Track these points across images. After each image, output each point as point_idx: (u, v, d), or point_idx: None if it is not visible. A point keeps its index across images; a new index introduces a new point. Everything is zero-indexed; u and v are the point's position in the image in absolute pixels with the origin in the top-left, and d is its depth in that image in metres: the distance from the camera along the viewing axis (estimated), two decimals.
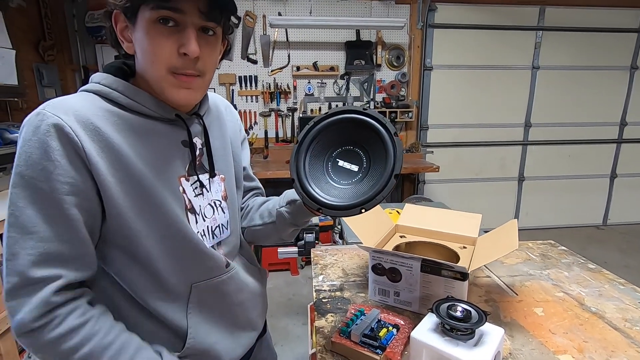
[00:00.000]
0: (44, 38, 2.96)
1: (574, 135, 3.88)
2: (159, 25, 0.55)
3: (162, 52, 0.56)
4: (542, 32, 3.60)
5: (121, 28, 0.60)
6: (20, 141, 0.53)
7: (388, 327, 0.75)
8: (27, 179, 0.52)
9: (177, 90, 0.59)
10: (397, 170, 0.61)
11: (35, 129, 0.52)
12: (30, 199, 0.52)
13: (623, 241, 3.69)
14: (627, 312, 0.85)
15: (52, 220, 0.52)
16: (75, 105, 0.55)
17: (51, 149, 0.52)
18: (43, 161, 0.51)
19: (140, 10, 0.56)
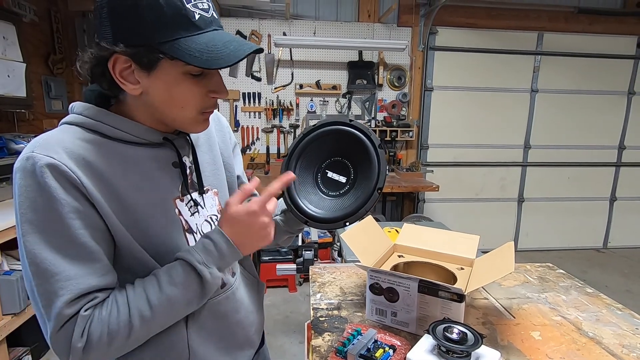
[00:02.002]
0: (54, 52, 3.03)
1: (573, 158, 3.92)
2: (192, 78, 0.56)
3: (195, 98, 0.58)
4: (541, 57, 3.68)
5: (121, 69, 0.55)
6: (18, 189, 0.52)
7: (384, 347, 0.75)
8: (37, 224, 0.51)
9: (204, 124, 0.63)
10: (380, 184, 0.62)
11: (30, 174, 0.51)
12: (46, 242, 0.51)
13: (625, 265, 3.67)
14: (624, 338, 0.85)
15: (74, 257, 0.53)
16: (62, 142, 0.54)
17: (52, 188, 0.51)
18: (48, 202, 0.51)
19: (164, 62, 0.54)
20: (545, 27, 3.62)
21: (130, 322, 0.54)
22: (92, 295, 0.54)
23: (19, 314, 1.79)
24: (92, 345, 0.52)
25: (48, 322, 0.52)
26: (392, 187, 2.96)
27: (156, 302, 0.56)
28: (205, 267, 0.58)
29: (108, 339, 0.53)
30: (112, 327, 0.53)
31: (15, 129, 2.60)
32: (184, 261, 0.58)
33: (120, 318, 0.54)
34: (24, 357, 1.92)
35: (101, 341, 0.53)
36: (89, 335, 0.52)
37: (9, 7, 2.46)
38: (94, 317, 0.53)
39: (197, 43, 0.53)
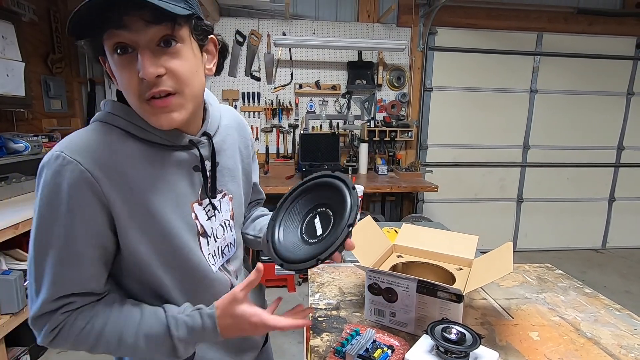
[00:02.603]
0: (53, 51, 3.03)
1: (572, 158, 3.92)
2: (117, 56, 0.53)
3: (129, 82, 0.54)
4: (540, 57, 3.68)
5: (108, 67, 0.58)
6: (42, 183, 0.55)
7: (383, 347, 0.75)
8: (46, 221, 0.55)
9: (157, 116, 0.56)
10: (350, 221, 0.62)
11: (56, 174, 0.53)
12: (48, 241, 0.55)
13: (624, 266, 3.67)
14: (622, 338, 0.85)
15: (68, 264, 0.56)
16: (92, 145, 0.56)
17: (68, 194, 0.54)
18: (61, 206, 0.54)
19: (105, 48, 0.54)
20: (544, 27, 3.62)
21: (96, 344, 0.59)
22: (72, 298, 0.58)
23: (17, 313, 1.79)
24: (57, 342, 0.58)
25: (32, 306, 0.57)
26: (391, 187, 2.96)
27: (125, 344, 0.59)
28: (183, 345, 0.61)
29: (72, 345, 0.59)
30: (79, 340, 0.58)
31: (14, 129, 2.60)
32: (168, 330, 0.60)
33: (89, 337, 0.58)
34: (22, 356, 1.91)
35: (66, 343, 0.59)
36: (57, 336, 0.57)
37: (8, 6, 2.45)
38: (66, 324, 0.58)
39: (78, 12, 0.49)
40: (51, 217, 0.54)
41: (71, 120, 3.23)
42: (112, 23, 0.50)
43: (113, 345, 0.59)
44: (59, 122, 3.04)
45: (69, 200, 0.54)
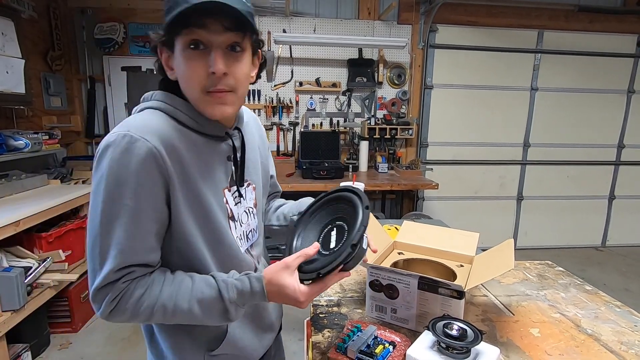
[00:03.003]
0: (52, 48, 3.02)
1: (573, 156, 3.92)
2: (190, 51, 0.61)
3: (195, 74, 0.61)
4: (541, 55, 3.68)
5: (165, 58, 0.66)
6: (108, 160, 0.58)
7: (384, 344, 0.75)
8: (114, 195, 0.58)
9: (212, 107, 0.64)
10: (354, 240, 0.63)
11: (124, 151, 0.57)
12: (116, 214, 0.58)
13: (623, 264, 3.68)
14: (622, 335, 0.85)
15: (133, 235, 0.59)
16: (155, 127, 0.61)
17: (138, 169, 0.58)
18: (131, 180, 0.58)
19: (176, 41, 0.62)
20: (545, 25, 3.61)
21: (152, 312, 0.62)
22: (133, 268, 0.61)
23: (18, 310, 1.79)
24: (117, 312, 0.60)
25: (96, 278, 0.59)
26: (391, 185, 2.96)
27: (180, 309, 0.62)
28: (234, 307, 0.64)
29: (130, 314, 0.61)
30: (137, 309, 0.61)
31: (14, 126, 2.59)
32: (219, 293, 0.63)
33: (146, 304, 0.61)
34: (23, 353, 1.92)
35: (124, 314, 0.61)
36: (117, 305, 0.60)
37: (7, 3, 2.45)
38: (127, 292, 0.60)
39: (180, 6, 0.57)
40: (120, 191, 0.58)
41: (71, 118, 3.22)
42: (195, 23, 0.59)
43: (169, 311, 0.62)
44: (59, 119, 3.03)
45: (137, 175, 0.58)
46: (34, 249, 2.08)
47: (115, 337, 2.30)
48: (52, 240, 2.13)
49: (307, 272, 0.65)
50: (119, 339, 2.28)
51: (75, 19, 3.23)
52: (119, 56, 3.30)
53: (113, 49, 3.27)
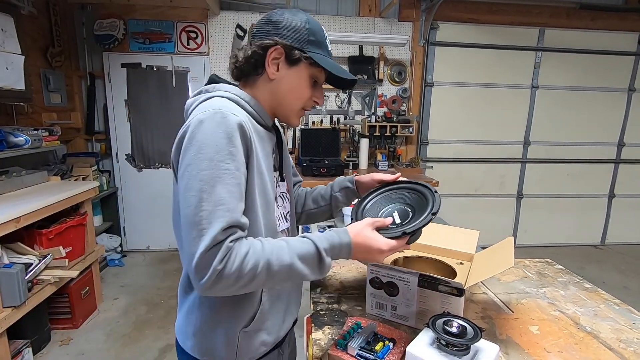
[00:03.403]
0: (52, 45, 3.01)
1: (573, 155, 3.92)
2: (310, 80, 0.79)
3: (305, 95, 0.79)
4: (542, 53, 3.67)
5: (274, 57, 0.75)
6: (204, 132, 0.64)
7: (384, 340, 0.75)
8: (216, 162, 0.63)
9: (297, 119, 0.83)
10: (434, 210, 0.77)
11: (219, 123, 0.65)
12: (219, 178, 0.63)
13: (622, 262, 3.69)
14: (621, 332, 0.86)
15: (234, 195, 0.64)
16: (234, 108, 0.70)
17: (234, 138, 0.66)
18: (230, 148, 0.65)
19: (302, 64, 0.76)
20: (547, 22, 3.60)
21: (257, 271, 0.63)
22: (236, 229, 0.64)
23: (19, 306, 1.80)
24: (224, 273, 0.61)
25: (200, 242, 0.60)
26: None
27: (283, 264, 0.66)
28: (329, 259, 0.70)
29: (236, 277, 0.62)
30: (243, 268, 0.62)
31: (14, 122, 2.59)
32: (315, 245, 0.69)
33: (252, 262, 0.63)
34: (24, 349, 1.93)
35: (230, 277, 0.61)
36: (225, 265, 0.61)
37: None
38: (233, 250, 0.62)
39: (328, 60, 0.78)
40: (219, 157, 0.63)
41: (71, 115, 3.22)
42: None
43: (273, 268, 0.64)
44: (59, 116, 3.03)
45: (233, 142, 0.65)
46: (34, 245, 2.09)
47: (116, 333, 2.31)
48: (53, 237, 2.13)
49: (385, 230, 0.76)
50: (120, 335, 2.29)
51: (75, 15, 3.22)
52: (119, 53, 3.30)
53: (113, 45, 3.26)
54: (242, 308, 0.75)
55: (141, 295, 2.78)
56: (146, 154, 3.50)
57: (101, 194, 3.19)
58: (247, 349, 0.76)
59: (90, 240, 2.52)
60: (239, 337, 0.75)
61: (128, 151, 3.48)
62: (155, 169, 3.54)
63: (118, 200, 3.53)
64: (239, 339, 0.75)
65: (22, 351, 1.92)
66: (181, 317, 0.80)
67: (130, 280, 3.03)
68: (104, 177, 3.27)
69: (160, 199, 3.57)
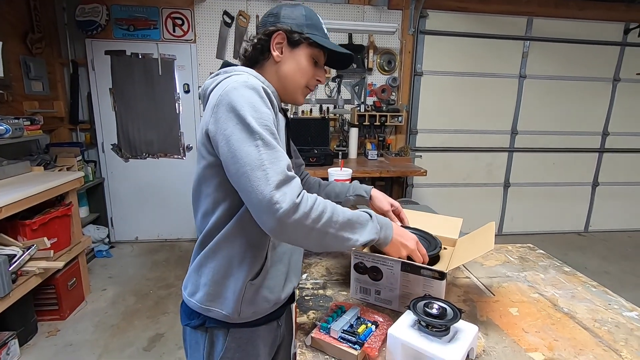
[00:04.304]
0: (32, 30, 2.91)
1: (558, 144, 3.98)
2: (311, 60, 0.85)
3: (308, 74, 0.85)
4: (530, 42, 3.69)
5: (277, 42, 0.82)
6: (239, 98, 0.69)
7: (367, 323, 0.76)
8: (257, 120, 0.68)
9: (302, 97, 0.88)
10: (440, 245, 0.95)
11: (251, 88, 0.71)
12: (266, 131, 0.68)
13: (604, 248, 3.79)
14: (597, 313, 0.89)
15: (279, 142, 0.70)
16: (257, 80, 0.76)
17: (267, 100, 0.73)
18: (264, 108, 0.71)
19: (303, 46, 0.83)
20: (535, 12, 3.61)
21: (323, 211, 0.68)
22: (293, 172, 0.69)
23: (3, 298, 1.77)
24: (300, 206, 0.65)
25: (271, 180, 0.64)
26: (380, 172, 2.97)
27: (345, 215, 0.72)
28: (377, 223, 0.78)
29: (308, 211, 0.66)
30: (316, 205, 0.68)
31: None
32: (369, 215, 0.78)
33: (322, 204, 0.69)
34: (10, 341, 1.90)
35: (304, 210, 0.65)
36: (302, 199, 0.66)
37: None
38: (305, 193, 0.68)
39: (325, 40, 0.85)
40: (258, 114, 0.68)
41: (54, 103, 3.14)
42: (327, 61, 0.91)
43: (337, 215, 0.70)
44: (41, 104, 2.95)
45: (265, 104, 0.71)
46: (17, 236, 2.05)
47: (104, 324, 2.30)
48: (37, 228, 2.10)
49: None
50: (109, 325, 2.28)
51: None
52: (103, 39, 3.21)
53: (96, 31, 3.17)
54: (252, 261, 0.79)
55: (130, 286, 2.77)
56: (133, 144, 3.44)
57: (87, 185, 3.13)
58: (251, 301, 0.80)
59: (76, 231, 2.48)
60: (246, 288, 0.78)
61: (114, 141, 3.42)
62: (142, 159, 3.49)
63: (105, 191, 3.47)
64: (245, 290, 0.78)
65: (8, 343, 1.90)
66: (192, 272, 0.83)
67: (119, 271, 3.00)
68: (90, 168, 3.21)
69: (147, 190, 3.53)
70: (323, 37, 0.85)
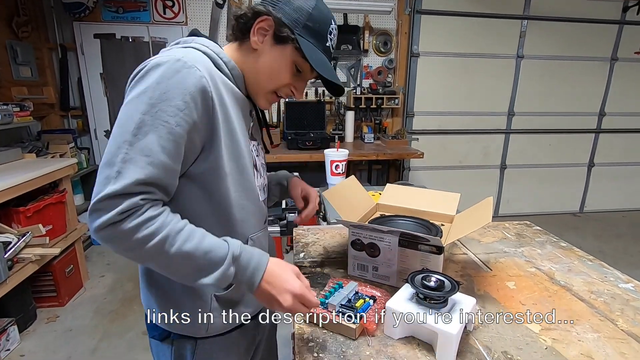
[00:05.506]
0: (17, 14, 2.82)
1: (555, 125, 3.97)
2: (293, 67, 0.71)
3: (282, 80, 0.72)
4: (527, 22, 3.63)
5: (261, 27, 0.69)
6: (157, 76, 0.58)
7: (365, 298, 0.76)
8: (157, 110, 0.57)
9: (268, 103, 0.77)
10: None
11: (176, 72, 0.59)
12: (156, 128, 0.57)
13: (598, 228, 3.83)
14: (593, 285, 0.89)
15: (167, 152, 0.58)
16: (204, 63, 0.64)
17: (187, 92, 0.59)
18: (177, 100, 0.58)
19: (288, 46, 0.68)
20: None
21: (152, 239, 0.56)
22: (154, 188, 0.58)
23: (0, 284, 1.76)
24: (117, 229, 0.54)
25: (109, 185, 0.54)
26: (377, 154, 2.96)
27: (181, 248, 0.58)
28: (233, 264, 0.62)
29: (127, 236, 0.55)
30: (140, 230, 0.55)
31: None
32: (228, 246, 0.62)
33: (151, 228, 0.56)
34: (9, 327, 1.91)
35: (121, 234, 0.55)
36: (124, 221, 0.55)
37: None
38: (139, 210, 0.56)
39: (318, 54, 0.70)
40: (164, 107, 0.57)
41: (43, 89, 3.07)
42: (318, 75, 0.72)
43: (170, 247, 0.57)
44: (30, 90, 2.88)
45: (185, 97, 0.59)
46: (12, 224, 2.03)
47: (103, 309, 2.31)
48: (31, 215, 2.08)
49: None
50: (107, 311, 2.29)
51: None
52: (91, 22, 3.12)
53: (84, 14, 3.08)
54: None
55: (128, 272, 2.77)
56: None
57: (81, 172, 3.10)
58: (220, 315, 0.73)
59: (72, 218, 2.46)
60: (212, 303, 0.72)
61: (107, 127, 3.37)
62: None
63: None
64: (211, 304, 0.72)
65: (7, 329, 1.90)
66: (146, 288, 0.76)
67: (116, 258, 3.00)
68: (83, 155, 3.17)
69: None
70: (318, 48, 0.70)
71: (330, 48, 0.73)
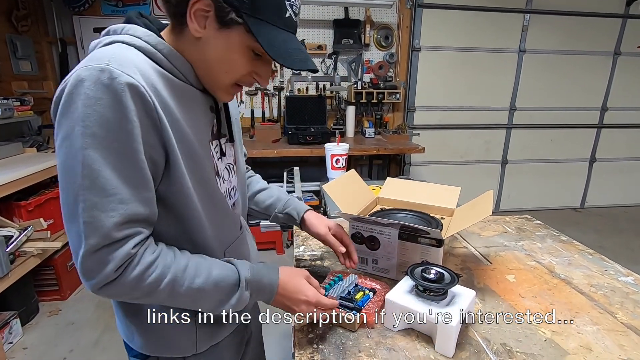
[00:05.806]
0: (16, 7, 2.81)
1: (557, 120, 3.95)
2: (249, 52, 0.58)
3: (239, 70, 0.59)
4: (530, 15, 3.60)
5: (198, 9, 0.54)
6: (84, 99, 0.48)
7: (365, 290, 0.77)
8: (102, 140, 0.49)
9: (228, 96, 0.65)
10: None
11: (106, 87, 0.48)
12: (108, 160, 0.49)
13: (599, 223, 3.83)
14: (593, 278, 0.89)
15: (131, 182, 0.51)
16: (137, 64, 0.53)
17: (127, 109, 0.49)
18: (120, 122, 0.49)
19: (237, 28, 0.55)
20: None
21: (161, 284, 0.54)
22: (136, 225, 0.52)
23: (2, 278, 1.77)
24: (116, 285, 0.51)
25: (86, 240, 0.49)
26: (378, 149, 2.95)
27: (192, 285, 0.56)
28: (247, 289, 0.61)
29: (130, 288, 0.53)
30: (143, 279, 0.53)
31: None
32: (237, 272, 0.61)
33: (156, 272, 0.54)
34: (12, 320, 1.92)
35: (123, 287, 0.52)
36: (122, 275, 0.51)
37: None
38: (136, 257, 0.52)
39: (276, 35, 0.56)
40: (104, 134, 0.49)
41: (43, 84, 3.06)
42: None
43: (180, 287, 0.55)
44: (30, 85, 2.88)
45: (122, 112, 0.49)
46: (13, 218, 2.04)
47: (105, 303, 2.32)
48: (32, 209, 2.08)
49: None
50: (109, 305, 2.29)
51: None
52: (91, 16, 3.10)
53: (83, 8, 3.06)
54: None
55: None
56: None
57: None
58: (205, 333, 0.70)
59: None
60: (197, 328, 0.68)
61: None
62: None
63: None
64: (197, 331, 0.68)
65: (10, 322, 1.92)
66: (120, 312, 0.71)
67: None
68: None
69: None
70: (276, 23, 0.56)
71: (292, 18, 0.58)
